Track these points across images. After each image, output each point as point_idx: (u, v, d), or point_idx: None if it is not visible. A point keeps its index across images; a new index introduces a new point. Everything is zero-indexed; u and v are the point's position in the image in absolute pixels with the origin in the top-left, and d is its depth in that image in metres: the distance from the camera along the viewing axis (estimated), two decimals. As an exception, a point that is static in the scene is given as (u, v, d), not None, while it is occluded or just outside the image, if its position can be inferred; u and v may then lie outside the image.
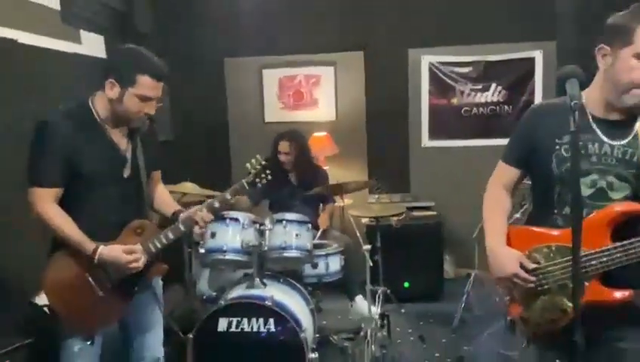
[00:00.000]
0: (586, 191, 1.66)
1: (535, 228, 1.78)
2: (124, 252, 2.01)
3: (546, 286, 1.72)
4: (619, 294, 1.60)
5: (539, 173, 1.79)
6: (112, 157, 2.06)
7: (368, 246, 3.18)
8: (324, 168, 4.22)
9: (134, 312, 2.22)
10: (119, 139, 2.08)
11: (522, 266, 1.71)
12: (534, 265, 1.71)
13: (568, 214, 1.68)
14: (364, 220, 4.09)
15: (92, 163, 1.99)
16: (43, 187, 1.96)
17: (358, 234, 3.28)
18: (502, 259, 1.76)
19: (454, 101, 4.88)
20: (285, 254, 2.93)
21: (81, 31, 4.20)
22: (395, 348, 3.51)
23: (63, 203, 2.01)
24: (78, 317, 2.08)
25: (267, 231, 2.94)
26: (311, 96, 4.95)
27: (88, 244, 1.98)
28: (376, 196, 4.41)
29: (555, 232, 1.71)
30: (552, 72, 4.68)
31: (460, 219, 4.56)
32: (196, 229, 2.24)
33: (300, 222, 3.01)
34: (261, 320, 2.64)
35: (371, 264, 3.18)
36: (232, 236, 2.90)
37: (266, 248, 2.90)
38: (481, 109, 4.86)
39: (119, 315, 2.18)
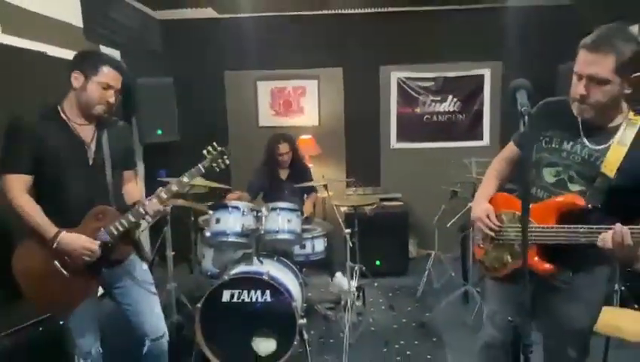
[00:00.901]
0: (550, 179, 1.68)
1: (510, 196, 1.83)
2: (84, 244, 1.92)
3: (500, 242, 1.78)
4: (543, 266, 1.64)
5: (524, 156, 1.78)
6: (76, 147, 1.98)
7: (349, 230, 3.19)
8: (309, 166, 4.23)
9: (129, 299, 2.14)
10: (85, 133, 2.00)
11: (488, 217, 1.78)
12: (497, 223, 1.78)
13: (534, 195, 1.71)
14: (344, 209, 4.11)
15: (56, 151, 1.92)
16: (13, 174, 1.89)
17: (340, 221, 3.30)
18: (478, 206, 1.84)
19: (418, 110, 4.91)
20: (279, 237, 2.95)
21: (101, 46, 4.13)
22: (369, 315, 3.54)
23: (36, 191, 1.94)
24: (48, 299, 1.99)
25: (263, 218, 2.94)
26: (298, 104, 4.94)
27: (50, 229, 1.90)
28: (353, 189, 4.47)
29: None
30: (498, 86, 4.79)
31: (422, 208, 4.62)
32: (147, 218, 2.06)
33: (291, 210, 3.02)
34: (259, 291, 2.64)
35: (351, 245, 3.20)
36: (233, 221, 2.91)
37: (262, 232, 2.91)
38: (439, 117, 4.91)
39: (87, 294, 2.06)
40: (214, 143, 2.18)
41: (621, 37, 1.47)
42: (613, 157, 1.53)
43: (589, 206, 1.57)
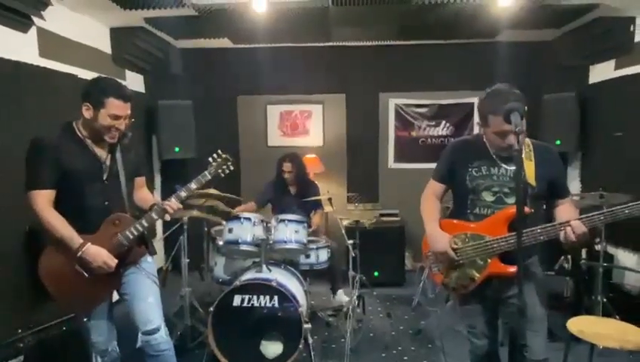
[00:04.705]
0: (490, 198, 1.84)
1: (457, 221, 1.93)
2: (105, 259, 1.93)
3: (461, 262, 1.87)
4: (510, 268, 1.77)
5: (457, 186, 1.94)
6: (92, 164, 1.98)
7: (351, 241, 3.19)
8: (316, 183, 4.22)
9: (128, 288, 2.08)
10: (100, 151, 2.01)
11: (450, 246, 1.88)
12: (456, 248, 1.87)
13: (478, 213, 1.86)
14: (346, 222, 4.10)
15: (76, 168, 1.93)
16: (38, 189, 1.88)
17: (343, 233, 3.30)
18: (439, 239, 1.91)
19: (414, 133, 4.94)
20: (286, 246, 2.95)
21: (127, 70, 4.21)
22: (368, 322, 3.51)
23: (57, 201, 1.93)
24: (73, 299, 1.99)
25: (273, 228, 2.95)
26: (304, 126, 4.97)
27: (76, 240, 1.90)
28: (355, 204, 4.46)
29: (469, 225, 1.87)
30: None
31: (417, 223, 4.45)
32: (167, 217, 2.08)
33: (298, 222, 3.02)
34: (267, 297, 2.64)
35: (353, 255, 3.19)
36: (245, 231, 2.92)
37: (271, 241, 2.92)
38: (433, 140, 4.95)
39: (108, 294, 2.07)
40: (219, 151, 2.13)
41: (519, 99, 1.70)
42: (529, 171, 1.77)
43: (531, 210, 1.73)
